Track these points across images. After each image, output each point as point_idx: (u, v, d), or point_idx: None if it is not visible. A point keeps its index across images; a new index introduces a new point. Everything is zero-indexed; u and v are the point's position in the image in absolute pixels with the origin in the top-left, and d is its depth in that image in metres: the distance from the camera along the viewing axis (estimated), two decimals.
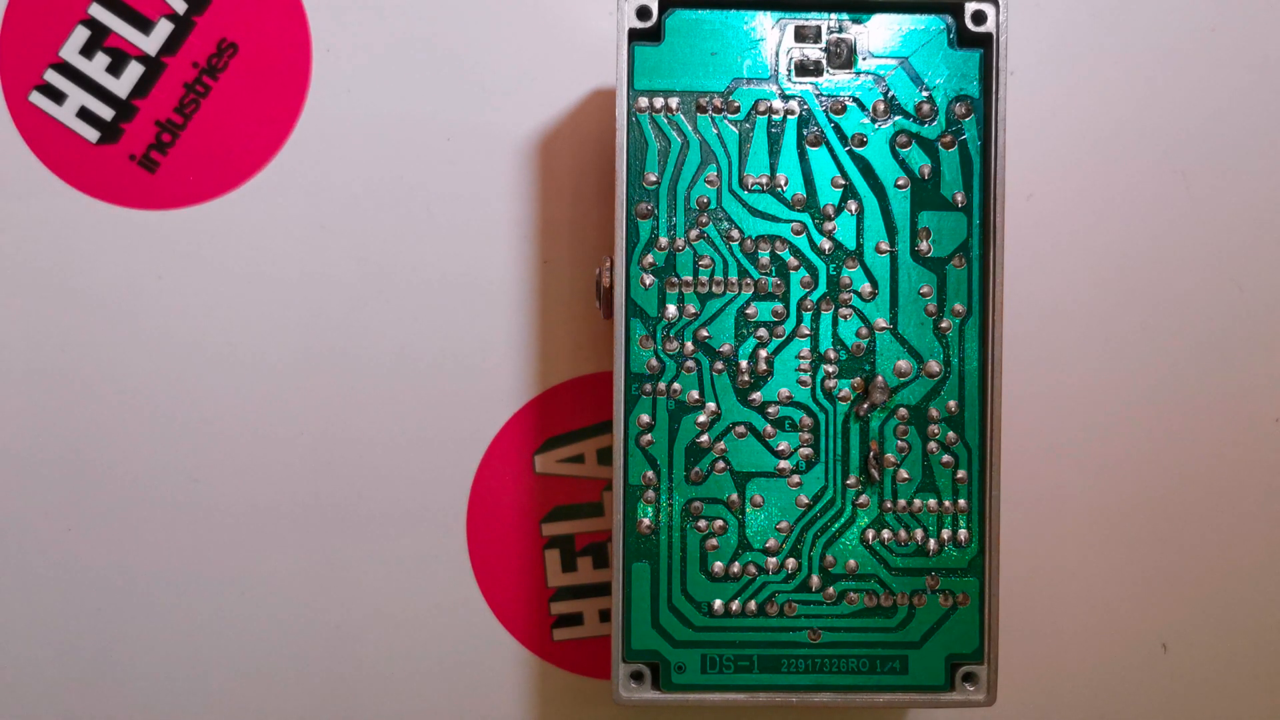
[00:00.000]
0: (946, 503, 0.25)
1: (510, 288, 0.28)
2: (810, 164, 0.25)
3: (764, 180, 0.25)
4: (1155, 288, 0.28)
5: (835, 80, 0.25)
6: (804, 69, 0.25)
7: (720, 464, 0.25)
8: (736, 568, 0.25)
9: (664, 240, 0.25)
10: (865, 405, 0.25)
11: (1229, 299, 0.28)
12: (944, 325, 0.25)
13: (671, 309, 0.25)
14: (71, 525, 0.28)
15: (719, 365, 0.25)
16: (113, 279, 0.28)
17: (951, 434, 0.25)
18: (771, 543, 0.25)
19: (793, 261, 0.25)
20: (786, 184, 0.25)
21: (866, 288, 0.25)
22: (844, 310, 0.25)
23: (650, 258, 0.25)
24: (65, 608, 0.28)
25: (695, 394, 0.25)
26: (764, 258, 0.25)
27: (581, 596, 0.28)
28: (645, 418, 0.25)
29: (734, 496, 0.25)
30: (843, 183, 0.25)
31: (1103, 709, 0.29)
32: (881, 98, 0.25)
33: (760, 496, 0.25)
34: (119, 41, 0.28)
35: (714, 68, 0.25)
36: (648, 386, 0.25)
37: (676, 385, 0.25)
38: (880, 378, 0.25)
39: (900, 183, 0.25)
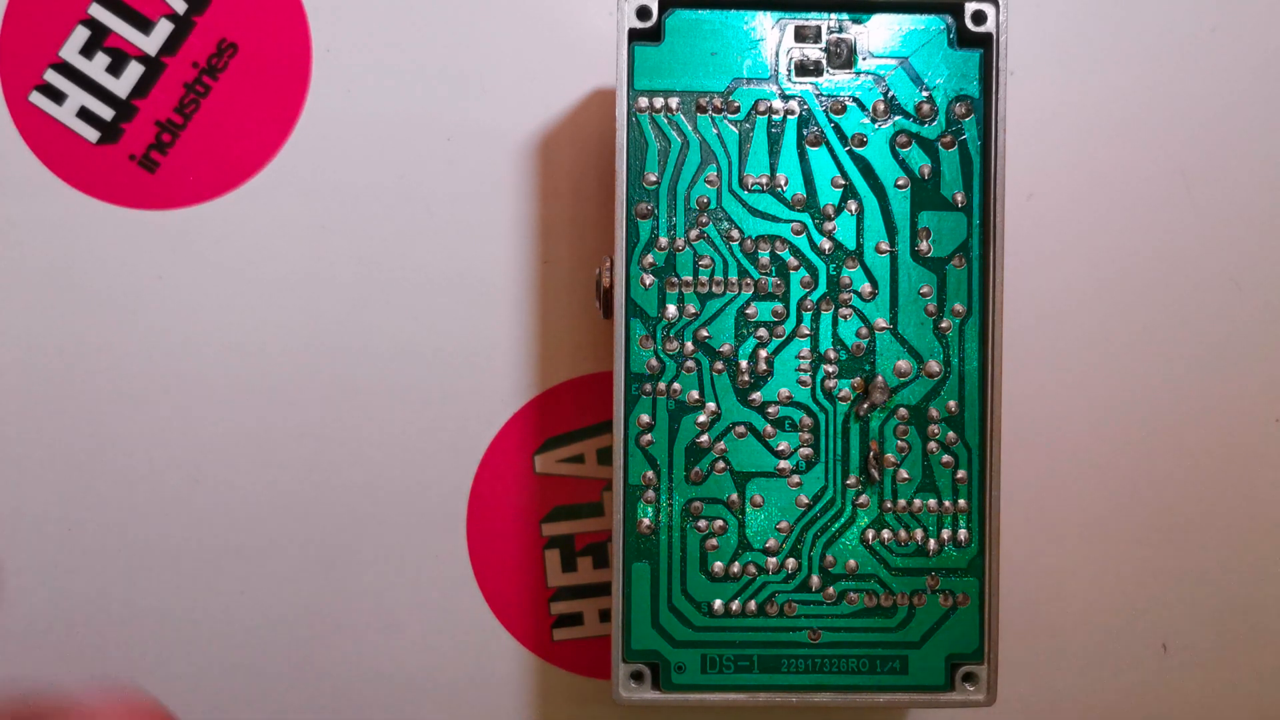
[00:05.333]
0: (946, 503, 0.25)
1: (510, 288, 0.28)
2: (810, 164, 0.25)
3: (764, 180, 0.25)
4: (1155, 288, 0.28)
5: (835, 80, 0.25)
6: (804, 69, 0.25)
7: (720, 464, 0.25)
8: (736, 568, 0.25)
9: (664, 240, 0.25)
10: (865, 405, 0.25)
11: (1229, 299, 0.28)
12: (944, 325, 0.25)
13: (671, 309, 0.25)
14: (71, 525, 0.28)
15: (719, 365, 0.25)
16: (113, 279, 0.28)
17: (951, 434, 0.25)
18: (771, 543, 0.25)
19: (793, 261, 0.25)
20: (786, 184, 0.25)
21: (866, 288, 0.25)
22: (844, 310, 0.25)
23: (650, 258, 0.25)
24: (65, 607, 0.28)
25: (695, 394, 0.25)
26: (764, 258, 0.25)
27: (581, 596, 0.28)
28: (645, 418, 0.25)
29: (734, 496, 0.25)
30: (843, 183, 0.25)
31: (1103, 709, 0.29)
32: (881, 98, 0.25)
33: (760, 496, 0.25)
34: (119, 41, 0.28)
35: (714, 68, 0.25)
36: (648, 386, 0.25)
37: (676, 385, 0.25)
38: (880, 378, 0.25)
39: (900, 183, 0.25)
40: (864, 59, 0.25)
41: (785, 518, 0.25)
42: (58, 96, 0.28)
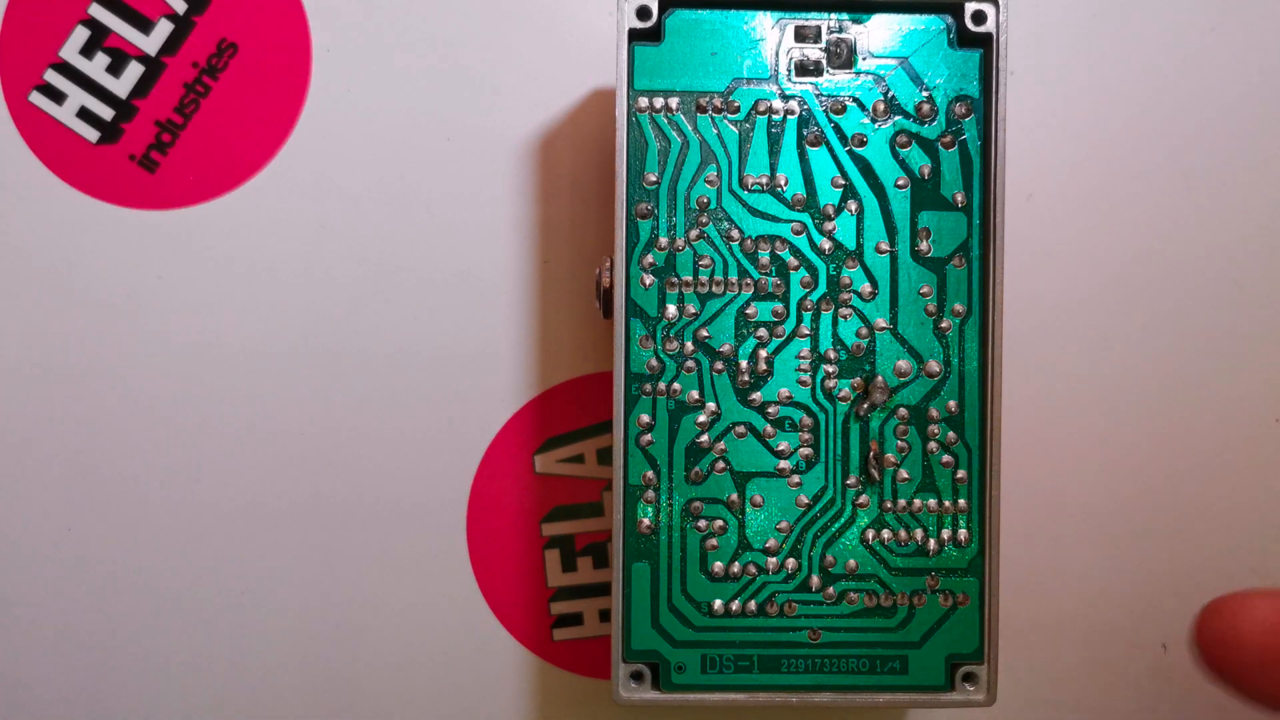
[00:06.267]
0: (946, 503, 0.25)
1: (510, 288, 0.28)
2: (810, 164, 0.25)
3: (764, 180, 0.25)
4: (1155, 287, 0.28)
5: (835, 80, 0.25)
6: (804, 69, 0.25)
7: (720, 464, 0.25)
8: (736, 568, 0.25)
9: (664, 240, 0.25)
10: (865, 405, 0.25)
11: (1229, 299, 0.28)
12: (944, 325, 0.25)
13: (671, 309, 0.25)
14: (71, 525, 0.28)
15: (719, 365, 0.25)
16: (113, 279, 0.28)
17: (951, 434, 0.25)
18: (771, 543, 0.25)
19: (793, 261, 0.25)
20: (786, 184, 0.25)
21: (866, 288, 0.25)
22: (844, 310, 0.25)
23: (650, 258, 0.25)
24: (65, 608, 0.28)
25: (695, 394, 0.25)
26: (764, 258, 0.25)
27: (581, 596, 0.28)
28: (645, 418, 0.25)
29: (734, 496, 0.25)
30: (843, 183, 0.25)
31: (1103, 709, 0.29)
32: (881, 98, 0.25)
33: (760, 496, 0.25)
34: (119, 41, 0.28)
35: (714, 68, 0.25)
36: (648, 386, 0.25)
37: (676, 385, 0.25)
38: (880, 378, 0.25)
39: (900, 183, 0.25)
40: (864, 59, 0.25)
41: (785, 518, 0.25)
42: (58, 96, 0.28)
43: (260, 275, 0.28)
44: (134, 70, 0.28)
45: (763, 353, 0.25)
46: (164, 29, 0.28)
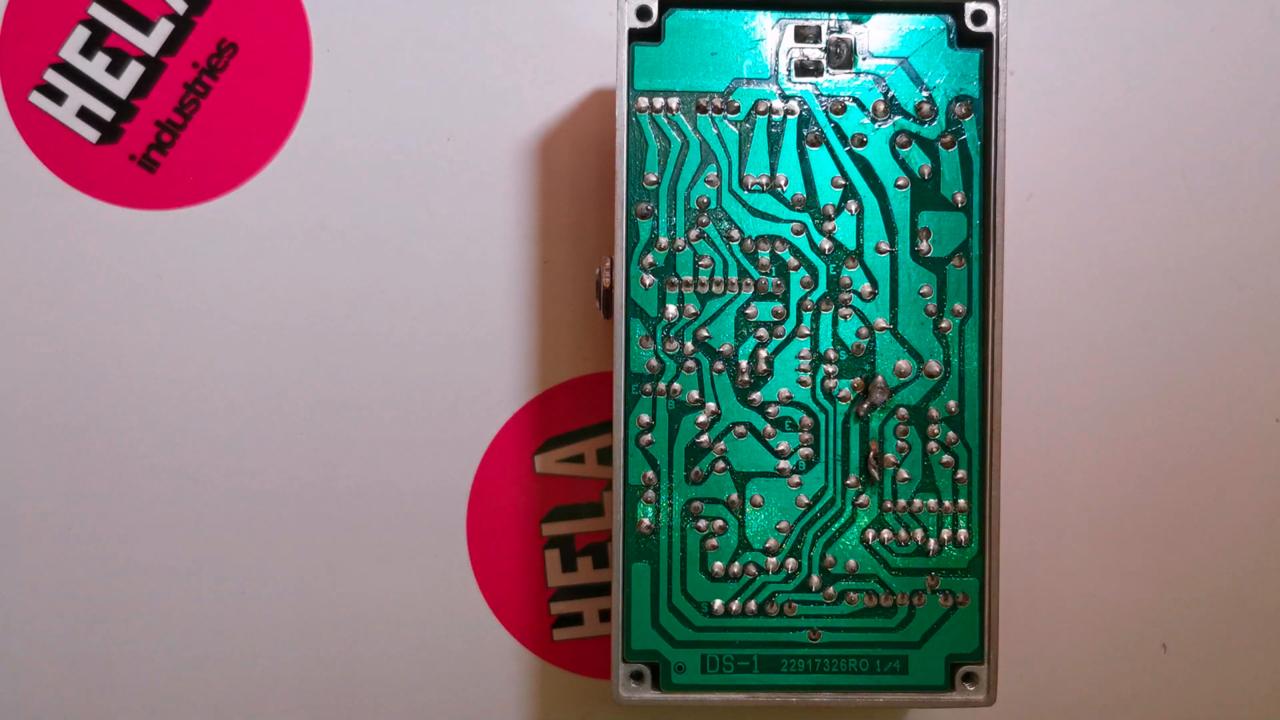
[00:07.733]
0: (946, 503, 0.25)
1: (510, 288, 0.28)
2: (810, 164, 0.25)
3: (764, 180, 0.25)
4: (1155, 288, 0.28)
5: (835, 80, 0.25)
6: (804, 69, 0.25)
7: (720, 464, 0.25)
8: (736, 568, 0.25)
9: (664, 240, 0.25)
10: (865, 405, 0.25)
11: (1229, 299, 0.28)
12: (944, 325, 0.25)
13: (671, 309, 0.25)
14: (71, 525, 0.28)
15: (719, 365, 0.25)
16: (113, 279, 0.28)
17: (951, 434, 0.25)
18: (771, 543, 0.25)
19: (793, 261, 0.25)
20: (786, 184, 0.25)
21: (866, 288, 0.25)
22: (844, 310, 0.25)
23: (650, 258, 0.25)
24: (65, 607, 0.28)
25: (695, 394, 0.25)
26: (764, 258, 0.25)
27: (581, 596, 0.28)
28: (645, 418, 0.25)
29: (734, 496, 0.25)
30: (843, 183, 0.25)
31: (1103, 709, 0.29)
32: (881, 98, 0.25)
33: (760, 496, 0.25)
34: (119, 41, 0.28)
35: (714, 68, 0.25)
36: (648, 386, 0.25)
37: (676, 385, 0.25)
38: (880, 378, 0.25)
39: (900, 183, 0.25)
40: (864, 59, 0.25)
41: (785, 518, 0.25)
42: (58, 96, 0.28)
43: (260, 276, 0.28)
44: (134, 70, 0.28)
45: (763, 353, 0.25)
46: (164, 29, 0.28)
